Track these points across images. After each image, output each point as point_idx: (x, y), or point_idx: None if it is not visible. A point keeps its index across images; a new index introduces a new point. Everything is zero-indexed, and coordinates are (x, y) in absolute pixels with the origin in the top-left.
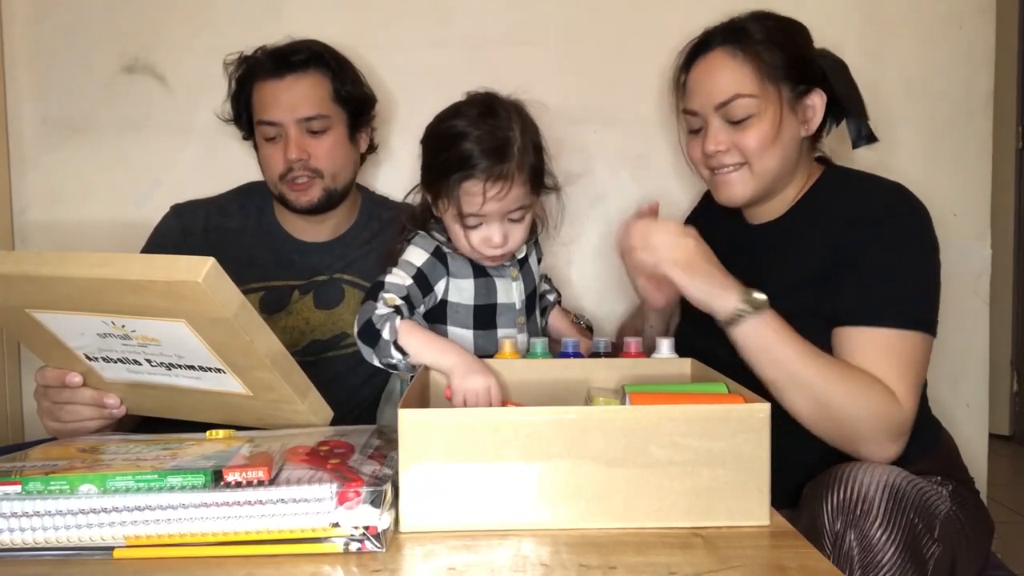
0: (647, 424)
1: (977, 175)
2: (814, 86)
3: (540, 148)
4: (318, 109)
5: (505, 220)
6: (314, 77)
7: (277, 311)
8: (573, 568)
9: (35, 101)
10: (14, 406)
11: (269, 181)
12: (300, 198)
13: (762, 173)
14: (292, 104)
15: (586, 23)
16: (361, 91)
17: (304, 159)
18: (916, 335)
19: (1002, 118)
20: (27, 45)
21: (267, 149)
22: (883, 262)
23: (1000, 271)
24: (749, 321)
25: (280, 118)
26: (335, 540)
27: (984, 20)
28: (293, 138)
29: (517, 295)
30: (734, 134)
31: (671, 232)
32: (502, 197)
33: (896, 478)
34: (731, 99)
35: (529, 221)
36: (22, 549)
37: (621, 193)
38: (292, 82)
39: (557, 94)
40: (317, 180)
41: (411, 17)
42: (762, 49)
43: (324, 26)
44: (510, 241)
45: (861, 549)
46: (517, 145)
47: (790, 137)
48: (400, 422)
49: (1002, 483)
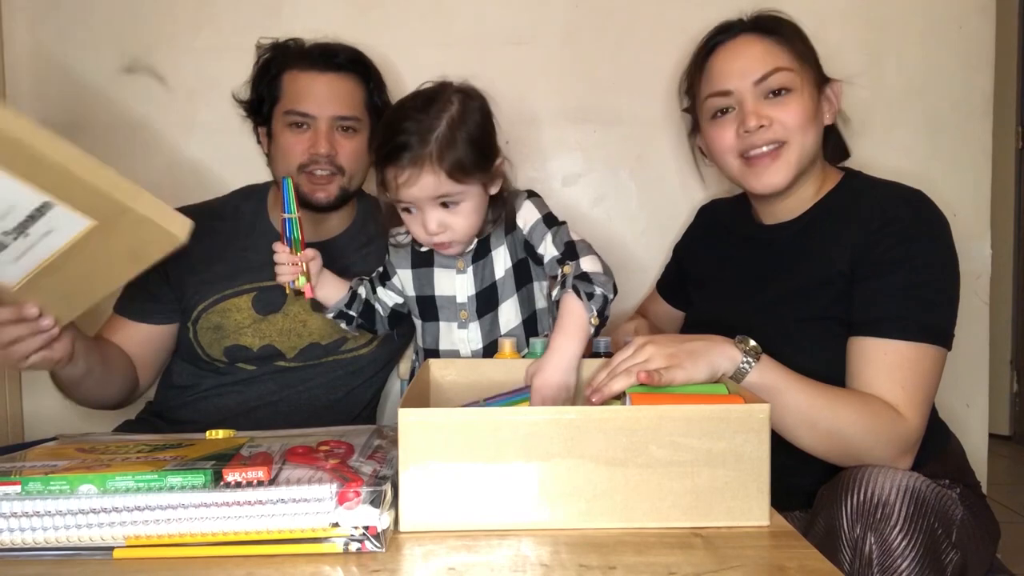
0: (647, 424)
1: (977, 175)
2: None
3: (476, 141)
4: (354, 111)
5: (436, 207)
6: (353, 81)
7: (271, 312)
8: (573, 568)
9: (35, 101)
10: (14, 406)
11: (282, 170)
12: (318, 192)
13: (800, 154)
14: (330, 100)
15: (586, 23)
16: (388, 103)
17: (332, 155)
18: (929, 348)
19: (1002, 118)
20: (27, 45)
21: (290, 136)
22: (901, 273)
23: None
24: (752, 373)
25: (315, 111)
26: (335, 540)
27: (984, 20)
28: (324, 132)
29: (460, 288)
30: (773, 109)
31: (629, 359)
32: (412, 184)
33: (916, 482)
34: (771, 72)
35: (472, 210)
36: (22, 549)
37: (621, 193)
38: (332, 79)
39: (557, 94)
40: (337, 177)
41: (411, 17)
42: (790, 34)
43: (324, 26)
44: (450, 228)
45: (881, 553)
46: (436, 135)
47: (820, 121)
48: (400, 422)
49: (1002, 483)
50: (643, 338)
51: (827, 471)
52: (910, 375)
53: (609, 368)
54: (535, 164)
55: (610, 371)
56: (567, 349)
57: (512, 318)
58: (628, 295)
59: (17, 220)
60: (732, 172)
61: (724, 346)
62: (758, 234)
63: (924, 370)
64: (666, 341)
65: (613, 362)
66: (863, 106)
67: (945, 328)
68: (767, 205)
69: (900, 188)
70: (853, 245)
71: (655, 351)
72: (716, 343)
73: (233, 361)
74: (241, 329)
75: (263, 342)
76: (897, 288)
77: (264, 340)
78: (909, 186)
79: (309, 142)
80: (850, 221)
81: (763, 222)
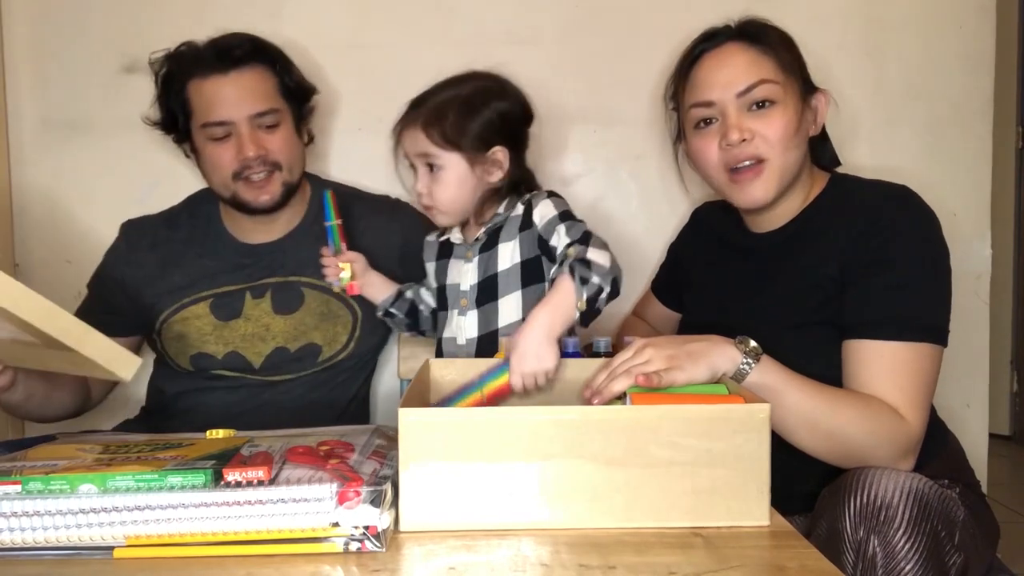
0: (647, 424)
1: (977, 175)
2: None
3: (469, 115)
4: (270, 103)
5: (425, 169)
6: (259, 71)
7: (232, 318)
8: (573, 568)
9: (35, 101)
10: None
11: (219, 183)
12: (260, 196)
13: (782, 168)
14: (242, 100)
15: (586, 23)
16: (303, 82)
17: (262, 155)
18: (925, 347)
19: (1002, 118)
20: (27, 45)
21: (215, 150)
22: (891, 272)
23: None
24: (752, 374)
25: (231, 116)
26: (335, 540)
27: (984, 20)
28: (247, 135)
29: (465, 276)
30: (755, 122)
31: (629, 361)
32: (404, 136)
33: (919, 484)
34: (756, 84)
35: (453, 183)
36: (22, 549)
37: (621, 193)
38: (238, 77)
39: (557, 94)
40: (276, 174)
41: (411, 17)
42: (776, 43)
43: (324, 26)
44: (432, 194)
45: (884, 556)
46: (436, 100)
47: (804, 133)
48: (400, 422)
49: (1002, 483)
50: (643, 340)
51: (829, 476)
52: (908, 376)
53: (609, 369)
54: (535, 164)
55: (610, 372)
56: (542, 322)
57: (512, 313)
58: (628, 295)
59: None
60: (717, 185)
61: (724, 347)
62: (747, 242)
63: (922, 369)
64: (666, 343)
65: (612, 363)
66: (863, 107)
67: (940, 325)
68: (754, 215)
69: (884, 186)
70: (840, 248)
71: (654, 353)
72: (716, 344)
73: (201, 370)
74: (203, 337)
75: (227, 349)
76: (888, 288)
77: (228, 347)
78: (894, 183)
79: (235, 149)
80: (836, 224)
81: (751, 230)
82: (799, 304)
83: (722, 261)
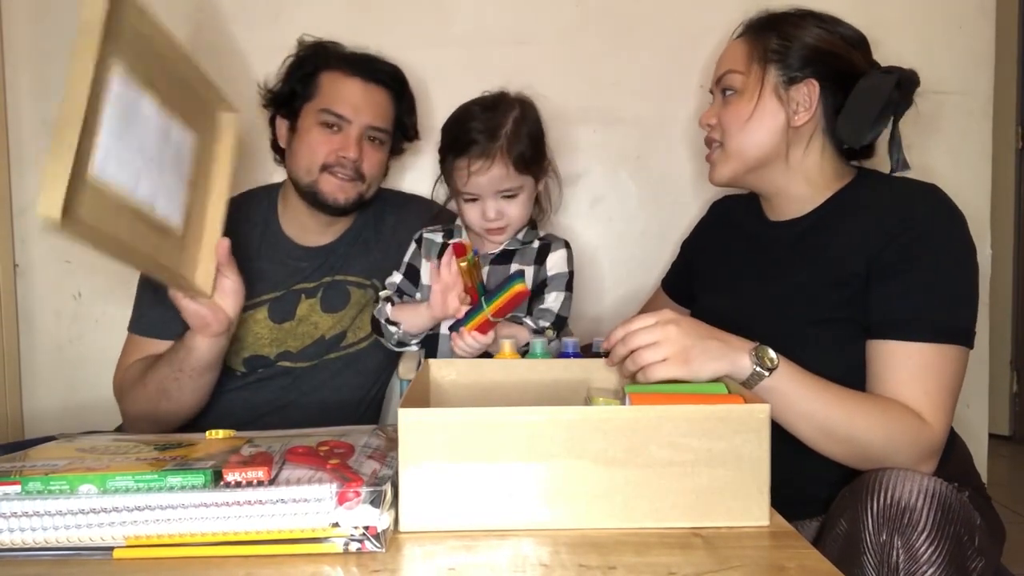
0: (647, 424)
1: (977, 175)
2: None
3: (535, 138)
4: (386, 124)
5: (497, 197)
6: (389, 95)
7: (286, 320)
8: (573, 568)
9: (35, 101)
10: (14, 406)
11: (305, 167)
12: (337, 194)
13: (736, 152)
14: (366, 108)
15: (586, 23)
16: (414, 126)
17: (357, 161)
18: (952, 348)
19: (1002, 118)
20: (27, 45)
21: (320, 135)
22: (920, 271)
23: (1000, 271)
24: (768, 380)
25: (350, 115)
26: (335, 540)
27: (984, 20)
28: (355, 137)
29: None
30: (721, 109)
31: (648, 331)
32: (483, 173)
33: (941, 487)
34: (724, 73)
35: (525, 201)
36: (22, 549)
37: (621, 193)
38: (371, 89)
39: (557, 94)
40: (358, 183)
41: (411, 17)
42: (763, 33)
43: (324, 26)
44: (506, 216)
45: (907, 559)
46: (505, 131)
47: (772, 122)
48: (400, 422)
49: (1002, 483)
50: (672, 315)
51: (844, 480)
52: (934, 378)
53: (626, 330)
54: None
55: (626, 334)
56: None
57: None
58: (628, 295)
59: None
60: None
61: (738, 355)
62: (765, 230)
63: (949, 372)
64: (690, 329)
65: (631, 325)
66: None
67: (968, 327)
68: (767, 201)
69: (914, 184)
70: (868, 244)
71: (675, 335)
72: (732, 350)
73: (252, 370)
74: (259, 340)
75: (280, 349)
76: (916, 287)
77: (280, 348)
78: (923, 182)
79: (339, 144)
80: (863, 219)
81: (769, 218)
82: (820, 298)
83: (738, 249)
